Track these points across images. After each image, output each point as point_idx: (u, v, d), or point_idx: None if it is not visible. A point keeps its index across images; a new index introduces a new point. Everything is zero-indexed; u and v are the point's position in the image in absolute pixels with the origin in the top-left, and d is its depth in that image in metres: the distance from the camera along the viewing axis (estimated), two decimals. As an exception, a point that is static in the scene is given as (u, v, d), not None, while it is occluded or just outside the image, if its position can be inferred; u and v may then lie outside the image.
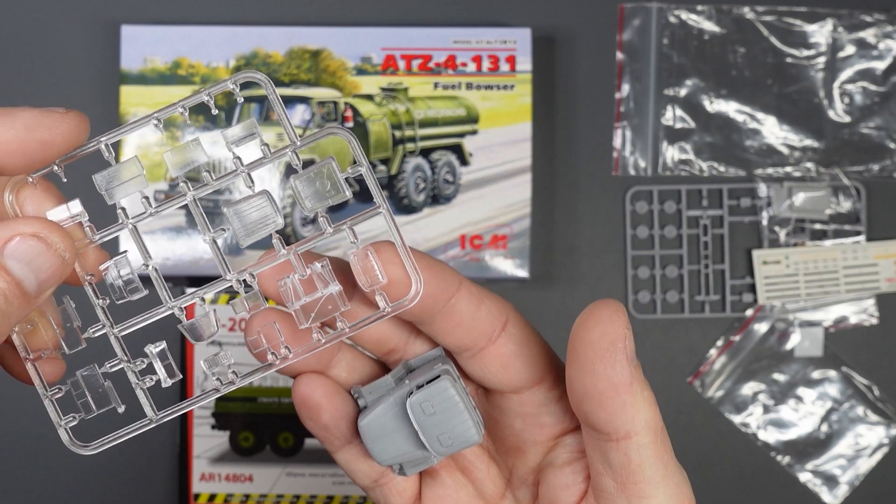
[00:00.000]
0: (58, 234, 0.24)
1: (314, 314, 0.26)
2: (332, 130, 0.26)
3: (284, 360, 0.27)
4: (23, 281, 0.24)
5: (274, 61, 0.62)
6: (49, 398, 0.27)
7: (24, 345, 0.26)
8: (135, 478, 0.64)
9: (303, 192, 0.26)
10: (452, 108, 0.62)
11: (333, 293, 0.26)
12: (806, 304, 0.64)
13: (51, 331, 0.26)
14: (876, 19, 0.65)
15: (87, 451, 0.27)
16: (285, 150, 0.26)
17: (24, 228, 0.24)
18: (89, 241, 0.26)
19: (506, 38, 0.62)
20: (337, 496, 0.62)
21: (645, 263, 0.64)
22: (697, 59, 0.65)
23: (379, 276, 0.26)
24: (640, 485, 0.26)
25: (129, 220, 0.26)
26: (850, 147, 0.64)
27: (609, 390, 0.25)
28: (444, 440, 0.27)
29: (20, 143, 0.24)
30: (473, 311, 0.27)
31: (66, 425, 0.27)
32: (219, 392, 0.27)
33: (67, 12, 0.64)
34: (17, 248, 0.24)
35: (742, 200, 0.64)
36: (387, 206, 0.26)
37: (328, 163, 0.26)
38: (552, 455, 0.29)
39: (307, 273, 0.26)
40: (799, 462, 0.64)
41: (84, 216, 0.26)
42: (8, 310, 0.23)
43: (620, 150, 0.64)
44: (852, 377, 0.65)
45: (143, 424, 0.27)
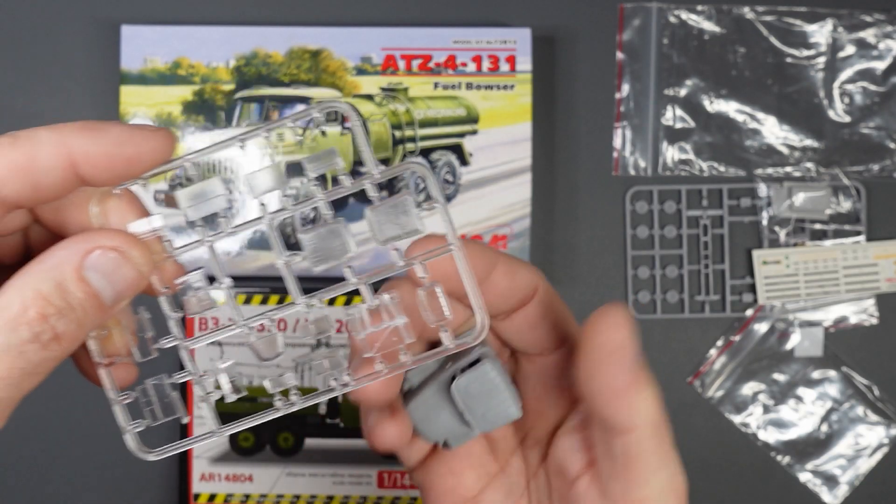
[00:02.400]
0: (137, 248, 0.25)
1: (379, 344, 0.27)
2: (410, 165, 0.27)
3: (345, 387, 0.28)
4: (100, 292, 0.25)
5: (274, 61, 0.62)
6: (118, 403, 0.28)
7: (98, 350, 0.27)
8: (135, 478, 0.64)
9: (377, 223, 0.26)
10: (452, 108, 0.62)
11: (399, 326, 0.27)
12: (806, 304, 0.64)
13: (124, 338, 0.27)
14: (876, 19, 0.65)
15: (152, 456, 0.28)
16: (364, 180, 0.27)
17: (106, 241, 0.25)
18: (167, 255, 0.27)
19: (506, 38, 0.62)
20: (337, 496, 0.62)
21: (645, 263, 0.64)
22: (697, 59, 0.65)
23: (446, 313, 0.27)
24: (638, 472, 0.28)
25: (207, 237, 0.27)
26: (850, 147, 0.64)
27: (611, 391, 0.27)
28: (489, 417, 0.30)
29: (109, 159, 0.25)
30: (509, 283, 0.29)
31: (133, 430, 0.28)
32: (278, 412, 0.28)
33: (67, 12, 0.64)
34: (98, 261, 0.25)
35: (742, 200, 0.64)
36: (459, 243, 0.27)
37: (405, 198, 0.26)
38: (567, 420, 0.31)
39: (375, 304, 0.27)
40: (799, 462, 0.64)
41: (164, 230, 0.27)
42: (84, 319, 0.25)
43: (620, 150, 0.64)
44: (852, 377, 0.65)
45: (206, 435, 0.28)
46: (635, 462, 0.28)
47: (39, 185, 0.25)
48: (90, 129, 0.25)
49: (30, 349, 0.24)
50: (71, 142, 0.24)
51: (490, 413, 0.30)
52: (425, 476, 0.32)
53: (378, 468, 0.62)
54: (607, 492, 0.29)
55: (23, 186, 0.24)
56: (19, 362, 0.24)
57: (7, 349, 0.23)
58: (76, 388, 0.63)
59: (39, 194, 0.25)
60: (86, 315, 0.25)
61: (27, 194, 0.25)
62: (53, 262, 0.25)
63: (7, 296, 0.24)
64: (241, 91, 0.62)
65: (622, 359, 0.26)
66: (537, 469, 0.32)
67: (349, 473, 0.62)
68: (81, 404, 0.64)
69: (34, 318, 0.24)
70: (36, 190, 0.25)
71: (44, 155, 0.24)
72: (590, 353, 0.27)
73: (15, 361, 0.24)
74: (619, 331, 0.26)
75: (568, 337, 0.31)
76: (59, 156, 0.24)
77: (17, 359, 0.24)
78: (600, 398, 0.27)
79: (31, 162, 0.24)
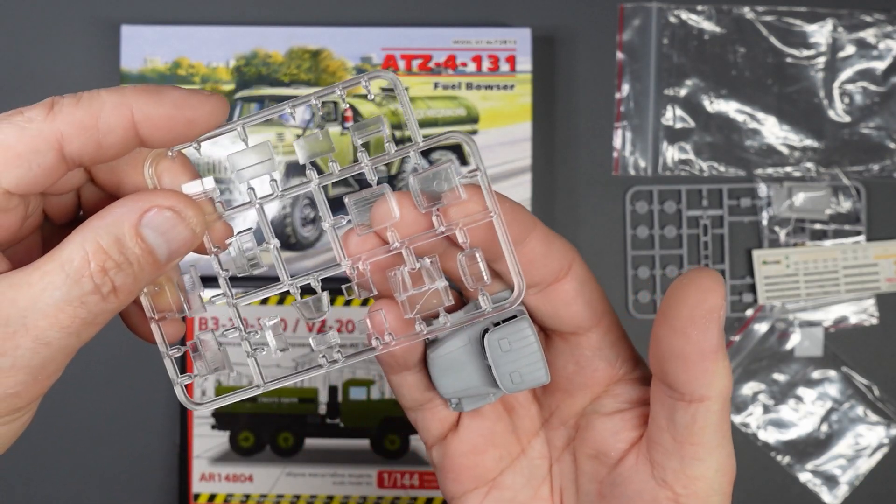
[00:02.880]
0: (192, 208, 0.26)
1: (419, 306, 0.28)
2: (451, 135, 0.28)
3: (387, 346, 0.29)
4: (155, 249, 0.26)
5: (274, 61, 0.62)
6: (169, 357, 0.29)
7: (151, 306, 0.28)
8: (135, 478, 0.64)
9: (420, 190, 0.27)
10: (452, 108, 0.62)
11: (440, 288, 0.28)
12: (806, 304, 0.64)
13: (175, 295, 0.28)
14: (876, 19, 0.65)
15: (201, 408, 0.29)
16: (408, 148, 0.28)
17: (162, 201, 0.26)
18: (218, 215, 0.28)
19: (506, 38, 0.62)
20: (337, 496, 0.62)
21: (645, 263, 0.64)
22: (697, 59, 0.65)
23: (485, 278, 0.28)
24: (697, 447, 0.27)
25: (257, 199, 0.28)
26: (850, 147, 0.64)
27: (696, 355, 0.26)
28: (515, 378, 0.29)
29: (168, 120, 0.26)
30: (544, 251, 0.29)
31: (182, 383, 0.29)
32: (321, 369, 0.29)
33: (67, 12, 0.64)
34: (154, 219, 0.26)
35: (742, 200, 0.64)
36: (498, 210, 0.27)
37: (448, 166, 0.27)
38: (600, 402, 0.31)
39: (417, 266, 0.28)
40: (799, 462, 0.64)
41: (216, 192, 0.27)
42: (140, 274, 0.26)
43: (620, 150, 0.64)
44: (852, 377, 0.65)
45: (252, 389, 0.29)
46: (699, 435, 0.27)
47: (102, 143, 0.25)
48: (150, 91, 0.26)
49: (91, 300, 0.25)
50: (132, 102, 0.25)
51: (518, 373, 0.29)
52: (444, 453, 0.32)
53: (378, 468, 0.62)
54: (660, 469, 0.28)
55: (87, 144, 0.25)
56: (81, 312, 0.25)
57: (70, 300, 0.24)
58: (76, 388, 0.63)
59: (101, 153, 0.26)
60: (141, 270, 0.26)
61: (90, 152, 0.25)
62: (112, 219, 0.25)
63: (68, 249, 0.25)
64: (241, 91, 0.62)
65: (714, 322, 0.26)
66: (562, 453, 0.32)
67: (349, 473, 0.62)
68: (82, 404, 0.64)
69: (96, 270, 0.25)
70: (99, 148, 0.25)
71: (107, 114, 0.25)
72: (679, 312, 0.26)
73: (77, 311, 0.25)
74: (714, 293, 0.26)
75: (602, 317, 0.30)
76: (122, 116, 0.25)
77: (79, 309, 0.25)
78: (683, 361, 0.26)
79: (95, 121, 0.25)
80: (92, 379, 0.64)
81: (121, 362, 0.63)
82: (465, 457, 0.31)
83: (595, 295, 0.30)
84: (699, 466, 0.27)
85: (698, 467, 0.27)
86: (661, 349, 0.27)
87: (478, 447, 0.31)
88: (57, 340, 0.24)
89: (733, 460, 0.28)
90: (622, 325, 0.32)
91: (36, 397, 0.26)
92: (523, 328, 0.28)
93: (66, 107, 0.25)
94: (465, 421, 0.32)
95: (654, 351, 0.27)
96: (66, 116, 0.25)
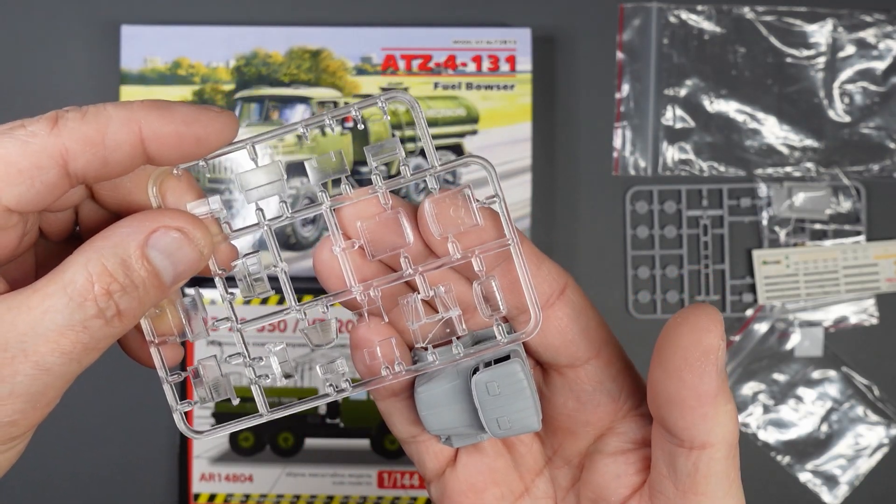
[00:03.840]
0: (199, 229, 0.25)
1: (431, 335, 0.27)
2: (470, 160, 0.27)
3: (398, 377, 0.28)
4: (161, 271, 0.25)
5: (274, 61, 0.62)
6: (169, 382, 0.28)
7: (151, 329, 0.27)
8: (135, 478, 0.64)
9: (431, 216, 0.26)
10: (452, 108, 0.62)
11: (453, 317, 0.27)
12: (806, 304, 0.64)
13: (177, 318, 0.27)
14: (876, 19, 0.65)
15: (201, 437, 0.28)
16: (425, 172, 0.27)
17: (170, 221, 0.25)
18: (224, 236, 0.27)
19: (506, 38, 0.62)
20: (337, 496, 0.62)
21: (645, 263, 0.64)
22: (697, 59, 0.65)
23: (501, 307, 0.27)
24: (701, 497, 0.26)
25: (266, 221, 0.27)
26: (850, 147, 0.64)
27: (692, 400, 0.24)
28: (503, 423, 0.27)
29: (178, 137, 0.25)
30: (533, 270, 0.27)
31: (182, 410, 0.28)
32: (328, 398, 0.28)
33: (67, 12, 0.64)
34: (161, 240, 0.25)
35: (742, 200, 0.64)
36: (517, 239, 0.27)
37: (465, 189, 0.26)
38: (604, 441, 0.29)
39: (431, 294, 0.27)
40: (799, 462, 0.64)
41: (222, 213, 0.27)
42: (145, 297, 0.25)
43: (620, 150, 0.64)
44: (852, 377, 0.65)
45: (255, 417, 0.28)
46: (702, 484, 0.25)
47: (108, 160, 0.24)
48: (159, 107, 0.25)
49: (94, 325, 0.24)
50: (141, 118, 0.24)
51: (506, 418, 0.27)
52: (443, 490, 0.30)
53: (378, 468, 0.62)
54: None
55: (92, 161, 0.24)
56: (83, 337, 0.24)
57: (72, 325, 0.23)
58: (76, 388, 0.63)
59: (107, 170, 0.25)
60: (147, 293, 0.25)
61: (95, 169, 0.24)
62: (118, 239, 0.24)
63: (71, 270, 0.24)
64: (241, 91, 0.62)
65: (710, 364, 0.24)
66: (566, 493, 0.30)
67: (349, 473, 0.62)
68: (82, 404, 0.64)
69: (100, 293, 0.24)
70: (104, 165, 0.24)
71: (114, 130, 0.24)
72: (674, 354, 0.24)
73: (79, 336, 0.24)
74: (710, 334, 0.24)
75: (602, 347, 0.28)
76: (129, 132, 0.24)
77: (82, 334, 0.24)
78: (679, 406, 0.25)
79: (101, 137, 0.24)
80: (92, 379, 0.64)
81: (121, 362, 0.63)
82: (464, 495, 0.30)
83: (592, 323, 0.28)
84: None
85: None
86: (657, 393, 0.25)
87: (477, 485, 0.29)
88: (58, 367, 0.24)
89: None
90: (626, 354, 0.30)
91: (33, 425, 0.25)
92: (515, 371, 0.27)
93: (70, 121, 0.24)
94: (463, 457, 0.30)
95: (651, 395, 0.26)
96: (72, 132, 0.24)
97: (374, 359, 0.27)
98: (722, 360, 0.24)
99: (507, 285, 0.27)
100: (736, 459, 0.26)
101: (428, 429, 0.28)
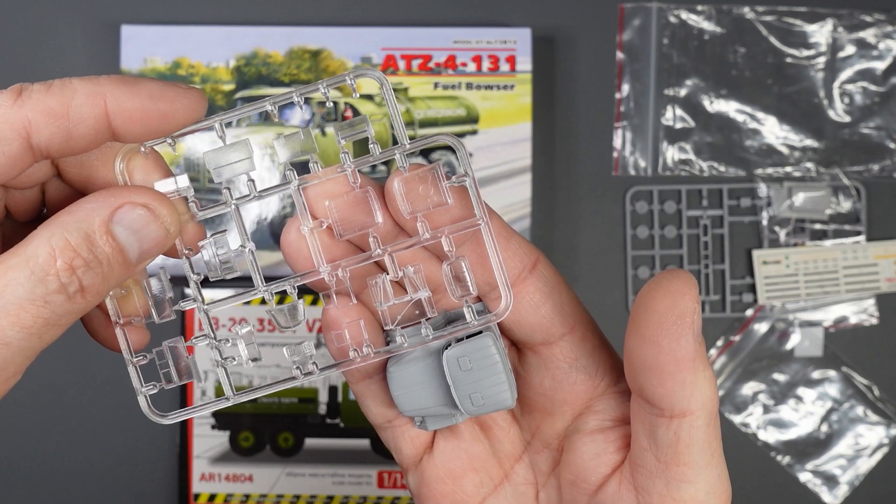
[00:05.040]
0: (166, 206, 0.25)
1: (400, 316, 0.27)
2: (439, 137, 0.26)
3: (366, 359, 0.27)
4: (127, 248, 0.24)
5: (274, 61, 0.62)
6: (134, 364, 0.27)
7: (116, 309, 0.26)
8: (135, 478, 0.64)
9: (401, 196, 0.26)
10: (452, 109, 0.62)
11: (423, 299, 0.27)
12: (806, 304, 0.64)
13: (143, 299, 0.27)
14: (876, 19, 0.65)
15: (165, 420, 0.27)
16: (394, 150, 0.26)
17: (136, 198, 0.25)
18: (192, 215, 0.26)
19: (506, 38, 0.62)
20: (337, 496, 0.62)
21: (645, 263, 0.64)
22: (697, 59, 0.65)
23: (471, 289, 0.26)
24: (684, 467, 0.25)
25: (234, 200, 0.27)
26: (850, 147, 0.64)
27: (670, 365, 0.24)
28: (476, 399, 0.27)
29: (143, 113, 0.24)
30: (503, 245, 0.27)
31: (147, 392, 0.27)
32: (295, 380, 0.27)
33: (67, 12, 0.64)
34: (126, 216, 0.24)
35: (742, 200, 0.64)
36: (487, 219, 0.26)
37: (435, 167, 0.26)
38: (582, 420, 0.28)
39: (400, 275, 0.27)
40: (799, 462, 0.64)
41: (190, 191, 0.26)
42: (109, 274, 0.24)
43: (620, 150, 0.64)
44: (852, 377, 0.65)
45: (221, 401, 0.27)
46: (684, 454, 0.25)
47: (72, 134, 0.24)
48: (125, 82, 0.24)
49: (56, 300, 0.23)
50: (106, 92, 0.24)
51: (480, 395, 0.26)
52: (420, 478, 0.30)
53: (378, 468, 0.62)
54: (644, 494, 0.26)
55: (56, 134, 0.24)
56: (44, 312, 0.23)
57: (33, 298, 0.23)
58: (75, 386, 0.63)
59: (71, 144, 0.24)
60: (111, 270, 0.24)
61: (59, 143, 0.24)
62: (83, 214, 0.24)
63: (33, 244, 0.23)
64: (241, 91, 0.62)
65: (686, 328, 0.23)
66: (547, 478, 0.29)
67: (349, 473, 0.62)
68: (80, 403, 0.64)
69: (62, 268, 0.23)
70: (68, 139, 0.24)
71: (78, 103, 0.24)
72: (648, 319, 0.24)
73: (40, 311, 0.23)
74: (685, 296, 0.23)
75: (576, 323, 0.28)
76: (94, 105, 0.24)
77: (43, 308, 0.23)
78: (657, 373, 0.24)
79: (65, 109, 0.24)
80: (91, 378, 0.64)
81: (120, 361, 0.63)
82: (441, 482, 0.29)
83: (565, 298, 0.28)
84: (687, 489, 0.25)
85: (686, 490, 0.25)
86: (633, 361, 0.25)
87: (455, 471, 0.29)
88: (17, 341, 0.23)
89: (726, 481, 0.26)
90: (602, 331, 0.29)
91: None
92: (486, 345, 0.26)
93: (35, 93, 0.24)
94: (440, 442, 0.29)
95: (628, 364, 0.25)
96: (35, 104, 0.23)
97: (342, 341, 0.27)
98: (698, 324, 0.24)
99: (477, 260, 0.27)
100: (717, 428, 0.25)
101: (401, 409, 0.28)
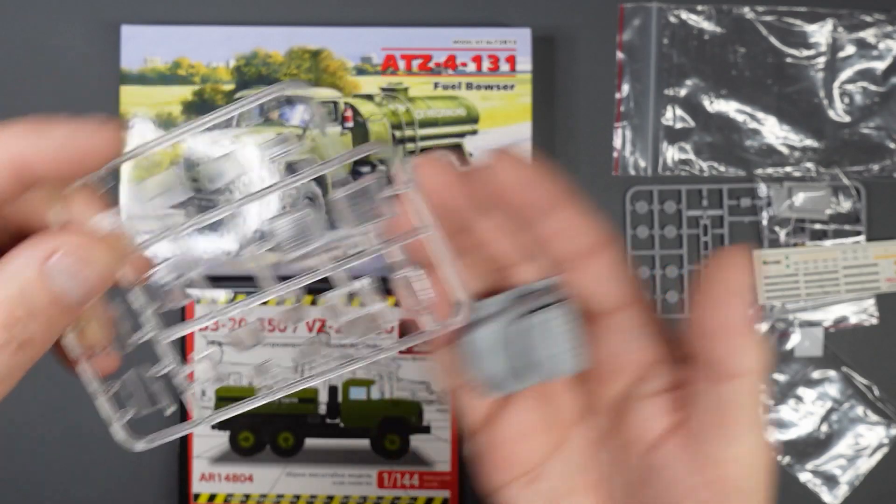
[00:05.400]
0: (98, 246, 0.25)
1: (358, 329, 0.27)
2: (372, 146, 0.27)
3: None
4: (66, 294, 0.24)
5: (274, 61, 0.62)
6: (102, 394, 0.27)
7: (75, 344, 0.27)
8: (135, 478, 0.64)
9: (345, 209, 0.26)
10: (452, 108, 0.62)
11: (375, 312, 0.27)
12: (806, 304, 0.64)
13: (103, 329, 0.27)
14: (876, 19, 0.65)
15: (143, 445, 0.27)
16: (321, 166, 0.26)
17: (65, 244, 0.25)
18: (133, 248, 0.26)
19: (506, 38, 0.62)
20: (337, 496, 0.62)
21: (645, 263, 0.64)
22: (697, 59, 0.65)
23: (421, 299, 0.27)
24: (736, 426, 0.27)
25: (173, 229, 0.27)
26: (850, 147, 0.65)
27: (731, 328, 0.27)
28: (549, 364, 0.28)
29: (56, 156, 0.25)
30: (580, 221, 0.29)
31: (120, 421, 0.27)
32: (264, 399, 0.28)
33: (67, 12, 0.64)
34: (60, 263, 0.24)
35: (742, 200, 0.64)
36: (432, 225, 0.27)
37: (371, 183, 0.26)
38: (637, 386, 0.30)
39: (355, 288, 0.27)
40: (799, 462, 0.64)
41: (129, 223, 0.26)
42: (51, 322, 0.24)
43: (620, 150, 0.64)
44: (852, 377, 0.65)
45: (192, 423, 0.28)
46: (735, 413, 0.27)
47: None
48: (34, 129, 0.24)
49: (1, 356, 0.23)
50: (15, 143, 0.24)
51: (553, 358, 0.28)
52: (487, 440, 0.31)
53: (378, 468, 0.62)
54: (698, 453, 0.28)
55: None
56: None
57: None
58: (72, 387, 0.63)
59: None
60: (52, 318, 0.24)
61: None
62: (13, 269, 0.24)
63: None
64: (241, 91, 0.62)
65: (744, 299, 0.27)
66: (603, 441, 0.31)
67: (349, 473, 0.62)
68: (78, 404, 0.64)
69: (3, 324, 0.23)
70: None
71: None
72: (712, 288, 0.27)
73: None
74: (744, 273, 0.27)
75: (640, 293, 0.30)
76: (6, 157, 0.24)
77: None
78: (715, 337, 0.27)
79: None
80: (92, 379, 0.64)
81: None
82: (507, 444, 0.30)
83: (630, 276, 0.30)
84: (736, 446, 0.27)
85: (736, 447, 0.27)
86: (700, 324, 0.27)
87: (519, 435, 0.30)
88: None
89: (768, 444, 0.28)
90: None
91: None
92: (558, 315, 0.28)
93: None
94: (507, 407, 0.30)
95: (694, 327, 0.28)
96: None
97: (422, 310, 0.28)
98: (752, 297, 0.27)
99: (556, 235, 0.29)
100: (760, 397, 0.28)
101: (472, 377, 0.29)
